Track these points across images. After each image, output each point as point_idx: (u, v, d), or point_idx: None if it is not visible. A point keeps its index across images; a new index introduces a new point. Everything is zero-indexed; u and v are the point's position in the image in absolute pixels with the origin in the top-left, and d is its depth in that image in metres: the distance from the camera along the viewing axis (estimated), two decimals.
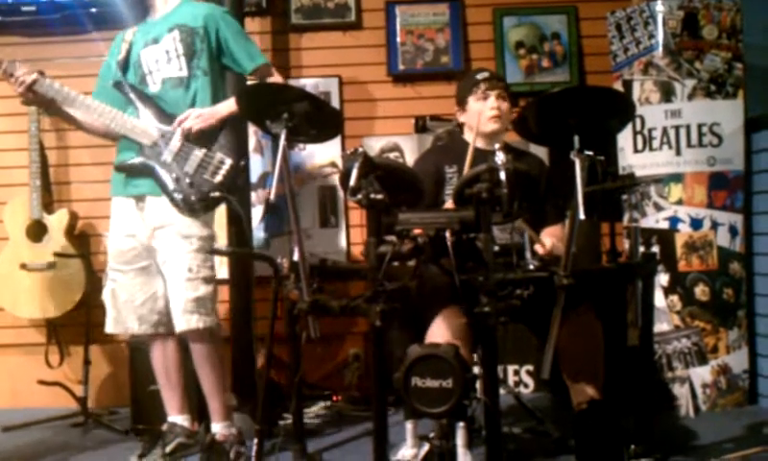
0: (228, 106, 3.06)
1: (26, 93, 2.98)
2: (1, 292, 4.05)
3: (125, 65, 3.14)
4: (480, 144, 3.05)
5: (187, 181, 2.99)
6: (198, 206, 2.99)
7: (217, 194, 3.00)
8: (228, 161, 3.03)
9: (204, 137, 3.03)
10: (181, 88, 3.07)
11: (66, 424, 3.77)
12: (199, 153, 3.02)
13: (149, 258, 3.08)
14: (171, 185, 3.00)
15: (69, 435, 3.64)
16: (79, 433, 3.68)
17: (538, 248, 2.69)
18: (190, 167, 3.01)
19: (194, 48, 3.07)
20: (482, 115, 3.03)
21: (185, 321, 2.97)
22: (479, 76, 3.10)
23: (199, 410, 3.29)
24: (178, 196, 2.99)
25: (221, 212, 3.53)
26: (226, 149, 3.05)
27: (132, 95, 3.07)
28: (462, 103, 3.14)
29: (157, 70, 3.09)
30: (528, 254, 2.48)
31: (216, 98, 3.12)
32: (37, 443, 3.52)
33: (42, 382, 3.99)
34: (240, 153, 3.12)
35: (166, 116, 3.05)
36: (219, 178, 3.02)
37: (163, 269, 3.03)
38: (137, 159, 3.04)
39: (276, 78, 3.19)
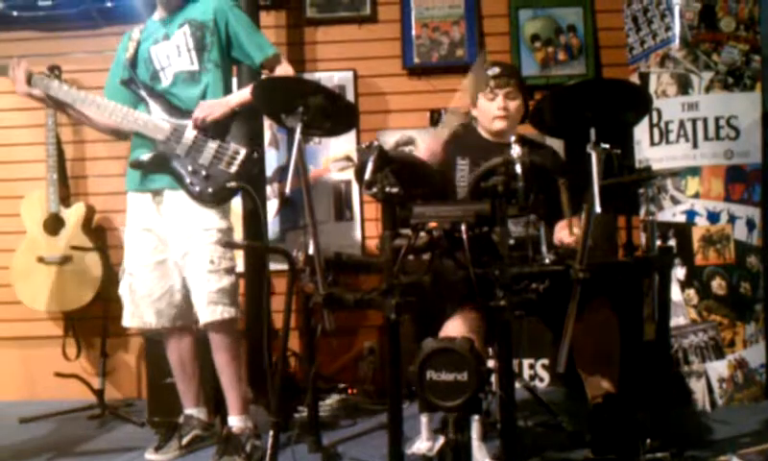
0: (240, 96, 3.08)
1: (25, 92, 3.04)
2: (19, 285, 4.09)
3: (133, 63, 3.15)
4: (494, 138, 3.06)
5: (203, 173, 3.00)
6: (215, 197, 3.01)
7: (234, 184, 3.01)
8: (243, 151, 3.04)
9: (216, 129, 3.04)
10: (193, 82, 3.08)
11: (83, 416, 3.80)
12: (213, 144, 3.03)
13: (166, 252, 3.10)
14: (187, 178, 3.01)
15: (86, 427, 3.67)
16: (96, 425, 3.71)
17: (565, 235, 2.67)
18: (205, 159, 3.02)
19: (204, 42, 3.08)
20: (489, 114, 3.04)
21: (210, 312, 2.98)
22: (490, 72, 3.10)
23: (215, 403, 3.31)
24: (195, 188, 3.00)
25: (237, 206, 3.55)
26: (238, 139, 3.06)
27: (141, 92, 3.08)
28: (473, 98, 3.15)
29: (169, 65, 3.10)
30: (544, 248, 2.47)
31: (227, 91, 3.14)
32: (54, 435, 3.55)
33: (59, 374, 4.01)
34: (254, 144, 3.11)
35: (177, 111, 3.06)
36: (234, 168, 3.02)
37: (183, 262, 3.04)
38: (152, 155, 3.05)
39: (286, 68, 3.18)
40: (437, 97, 4.26)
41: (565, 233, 2.67)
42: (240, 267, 3.81)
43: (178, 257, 3.06)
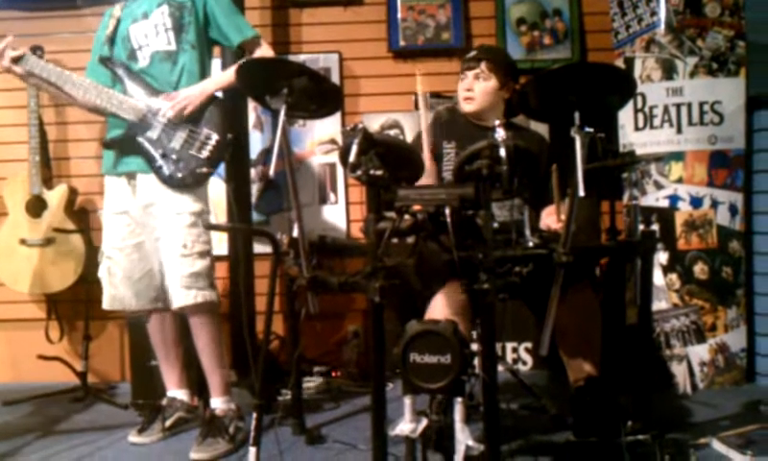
0: (217, 81, 3.07)
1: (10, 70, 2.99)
2: (1, 267, 4.06)
3: (112, 41, 3.11)
4: (480, 121, 3.06)
5: (174, 156, 2.98)
6: (185, 181, 2.98)
7: (204, 169, 2.99)
8: (215, 136, 3.01)
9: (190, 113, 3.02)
10: (169, 62, 3.06)
11: (66, 399, 3.79)
12: (185, 128, 3.01)
13: (143, 235, 3.08)
14: (158, 161, 2.99)
15: (69, 410, 3.66)
16: (79, 408, 3.70)
17: (552, 221, 2.67)
18: (177, 143, 2.99)
19: (182, 22, 3.06)
20: (459, 96, 3.06)
21: (183, 296, 2.97)
22: (468, 54, 3.11)
23: (198, 385, 3.31)
24: (164, 172, 2.98)
25: (221, 189, 3.53)
26: (212, 124, 3.03)
27: (118, 71, 3.05)
28: None
29: (146, 45, 3.07)
30: (527, 232, 2.48)
31: (204, 72, 3.11)
32: (38, 417, 3.54)
33: (42, 357, 4.00)
34: (230, 127, 3.08)
35: (154, 91, 3.03)
36: (206, 153, 3.00)
37: (158, 246, 3.03)
38: (124, 135, 3.02)
39: (266, 51, 3.16)
40: (422, 80, 4.24)
41: (552, 219, 2.67)
42: (224, 250, 3.82)
43: (153, 241, 3.05)
